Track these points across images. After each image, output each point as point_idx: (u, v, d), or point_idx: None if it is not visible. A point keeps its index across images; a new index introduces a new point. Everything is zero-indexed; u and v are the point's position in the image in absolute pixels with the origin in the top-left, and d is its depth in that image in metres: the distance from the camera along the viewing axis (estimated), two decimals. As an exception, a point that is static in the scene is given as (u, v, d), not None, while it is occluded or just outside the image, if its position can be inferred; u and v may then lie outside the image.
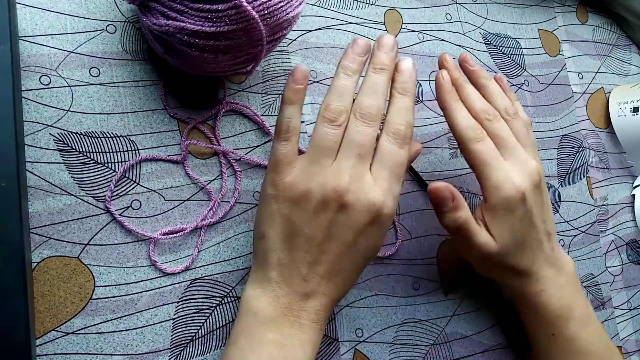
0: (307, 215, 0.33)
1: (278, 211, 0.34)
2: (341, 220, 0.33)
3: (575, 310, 0.41)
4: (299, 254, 0.33)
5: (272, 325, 0.33)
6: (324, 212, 0.33)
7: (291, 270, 0.33)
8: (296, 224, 0.33)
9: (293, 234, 0.33)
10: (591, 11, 0.63)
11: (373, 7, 0.49)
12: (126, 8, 0.38)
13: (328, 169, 0.33)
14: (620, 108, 0.58)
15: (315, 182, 0.33)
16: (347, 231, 0.33)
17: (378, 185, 0.33)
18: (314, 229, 0.33)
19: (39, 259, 0.33)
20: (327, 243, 0.33)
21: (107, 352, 0.34)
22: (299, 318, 0.33)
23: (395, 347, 0.43)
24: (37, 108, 0.35)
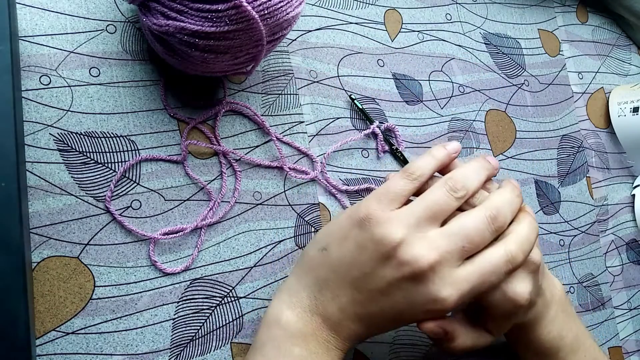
0: (379, 260, 0.32)
1: (355, 237, 0.33)
2: (404, 286, 0.32)
3: (565, 338, 0.39)
4: (349, 286, 0.32)
5: (300, 340, 0.32)
6: (394, 268, 0.31)
7: (334, 296, 0.33)
8: (363, 261, 0.32)
9: (355, 265, 0.32)
10: (591, 11, 0.63)
11: (373, 7, 0.49)
12: (126, 8, 0.38)
13: (425, 235, 0.32)
14: (620, 108, 0.58)
15: (406, 237, 0.31)
16: (402, 299, 0.32)
17: (459, 285, 0.31)
18: (377, 275, 0.32)
19: (39, 259, 0.33)
20: (379, 295, 0.32)
21: (107, 352, 0.34)
22: (328, 342, 0.33)
23: (395, 347, 0.43)
24: (37, 108, 0.35)
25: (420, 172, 0.34)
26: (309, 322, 0.33)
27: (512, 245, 0.33)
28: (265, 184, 0.41)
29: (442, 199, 0.33)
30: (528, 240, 0.33)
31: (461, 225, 0.32)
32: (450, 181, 0.33)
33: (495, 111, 0.53)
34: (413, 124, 0.48)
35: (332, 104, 0.45)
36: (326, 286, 0.33)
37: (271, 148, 0.42)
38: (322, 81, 0.45)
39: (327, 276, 0.33)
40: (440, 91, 0.50)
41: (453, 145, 0.36)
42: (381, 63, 0.48)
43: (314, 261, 0.34)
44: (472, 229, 0.32)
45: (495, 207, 0.33)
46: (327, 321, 0.33)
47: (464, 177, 0.34)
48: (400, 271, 0.31)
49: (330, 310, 0.33)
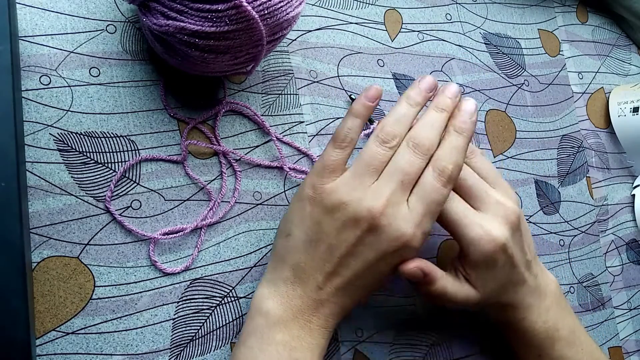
0: (336, 225, 0.33)
1: (310, 214, 0.34)
2: (367, 240, 0.33)
3: (560, 330, 0.40)
4: (319, 261, 0.33)
5: (282, 326, 0.33)
6: (353, 228, 0.33)
7: (308, 275, 0.34)
8: (324, 231, 0.33)
9: (318, 240, 0.33)
10: (591, 11, 0.63)
11: (373, 7, 0.49)
12: (126, 8, 0.38)
13: (368, 188, 0.33)
14: (620, 108, 0.58)
15: (352, 197, 0.33)
16: (370, 252, 0.33)
17: (412, 217, 0.33)
18: (340, 241, 0.33)
19: (39, 259, 0.33)
20: (348, 258, 0.33)
21: (107, 352, 0.34)
22: (310, 322, 0.33)
23: (395, 347, 0.43)
24: (37, 108, 0.35)
25: (350, 137, 0.35)
26: (288, 308, 0.33)
27: (437, 161, 0.34)
28: (265, 184, 0.41)
29: (377, 152, 0.34)
30: (452, 147, 0.35)
31: (392, 164, 0.34)
32: (381, 133, 0.35)
33: (495, 111, 0.53)
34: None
35: (332, 104, 0.45)
36: (299, 269, 0.34)
37: (271, 148, 0.42)
38: (322, 81, 0.45)
39: (298, 259, 0.34)
40: (440, 91, 0.50)
41: (371, 91, 0.36)
42: (381, 63, 0.48)
43: (282, 249, 0.35)
44: (402, 162, 0.34)
45: (415, 135, 0.34)
46: (307, 302, 0.33)
47: (393, 124, 0.35)
48: (359, 228, 0.33)
49: (309, 291, 0.34)
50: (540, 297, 0.40)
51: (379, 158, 0.34)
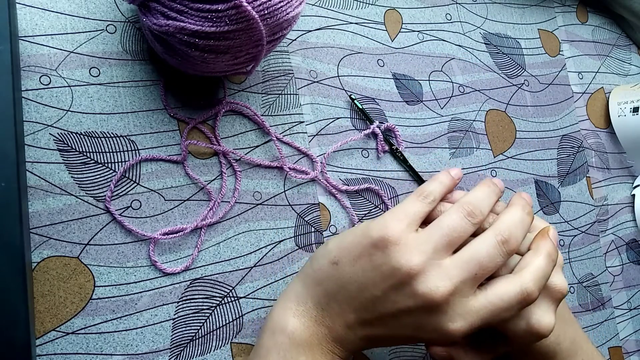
0: (392, 285, 0.31)
1: (370, 257, 0.32)
2: (416, 315, 0.31)
3: (562, 343, 0.39)
4: (358, 305, 0.32)
5: (306, 349, 0.32)
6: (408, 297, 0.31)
7: (342, 311, 0.33)
8: (376, 284, 0.31)
9: (366, 288, 0.32)
10: (591, 11, 0.63)
11: (373, 7, 0.49)
12: (126, 8, 0.38)
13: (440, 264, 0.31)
14: (620, 108, 0.58)
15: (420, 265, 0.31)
16: (412, 325, 0.32)
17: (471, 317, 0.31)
18: (387, 300, 0.31)
19: (39, 259, 0.33)
20: (388, 320, 0.32)
21: (107, 352, 0.34)
22: (333, 352, 0.33)
23: (395, 347, 0.43)
24: (37, 108, 0.35)
25: (434, 196, 0.34)
26: (315, 333, 0.33)
27: (528, 282, 0.32)
28: (265, 184, 0.41)
29: (459, 225, 0.32)
30: (544, 275, 0.33)
31: (473, 251, 0.31)
32: (467, 205, 0.33)
33: (495, 111, 0.53)
34: (413, 124, 0.48)
35: (332, 104, 0.45)
36: (334, 300, 0.33)
37: (271, 148, 0.42)
38: (322, 81, 0.45)
39: (336, 291, 0.33)
40: (440, 91, 0.50)
41: (456, 171, 0.37)
42: (381, 63, 0.48)
43: (324, 273, 0.33)
44: (484, 255, 0.31)
45: (506, 229, 0.32)
46: (333, 333, 0.33)
47: (478, 201, 0.33)
48: (414, 301, 0.31)
49: (337, 324, 0.33)
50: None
51: (459, 231, 0.32)
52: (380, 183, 0.45)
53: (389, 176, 0.46)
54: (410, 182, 0.47)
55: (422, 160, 0.48)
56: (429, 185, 0.36)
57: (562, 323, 0.40)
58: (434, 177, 0.37)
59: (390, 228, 0.32)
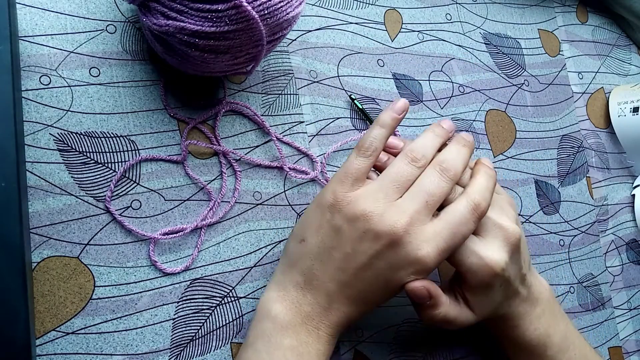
0: (355, 235, 0.33)
1: (329, 221, 0.34)
2: (385, 255, 0.33)
3: (552, 336, 0.39)
4: (333, 270, 0.33)
5: (290, 331, 0.33)
6: (372, 240, 0.33)
7: (320, 282, 0.33)
8: (341, 240, 0.33)
9: (334, 248, 0.33)
10: (591, 11, 0.63)
11: (373, 7, 0.49)
12: (126, 8, 0.38)
13: (392, 203, 0.33)
14: (620, 108, 0.58)
15: (376, 209, 0.33)
16: (385, 267, 0.33)
17: (434, 239, 0.33)
18: (356, 252, 0.33)
19: (39, 259, 0.33)
20: (364, 271, 0.33)
21: (107, 352, 0.34)
22: (318, 329, 0.33)
23: (395, 347, 0.43)
24: (37, 108, 0.35)
25: (374, 147, 0.35)
26: (297, 313, 0.33)
27: (473, 194, 0.35)
28: (265, 184, 0.41)
29: (405, 170, 0.34)
30: (486, 187, 0.36)
31: (419, 184, 0.34)
32: (411, 152, 0.35)
33: (495, 111, 0.53)
34: (413, 124, 0.48)
35: (332, 104, 0.45)
36: (311, 275, 0.34)
37: (271, 148, 0.42)
38: (322, 81, 0.45)
39: (311, 265, 0.34)
40: (440, 91, 0.50)
41: (399, 104, 0.36)
42: (381, 63, 0.48)
43: (296, 253, 0.35)
44: (429, 183, 0.34)
45: (443, 160, 0.35)
46: (316, 309, 0.33)
47: (422, 147, 0.36)
48: (379, 242, 0.32)
49: (319, 298, 0.33)
50: (532, 305, 0.39)
51: (406, 176, 0.34)
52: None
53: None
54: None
55: (422, 160, 0.48)
56: (369, 134, 0.35)
57: (552, 317, 0.40)
58: (375, 120, 0.36)
59: (337, 190, 0.34)
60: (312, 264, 0.34)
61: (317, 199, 0.36)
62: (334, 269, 0.33)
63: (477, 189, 0.35)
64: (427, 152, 0.36)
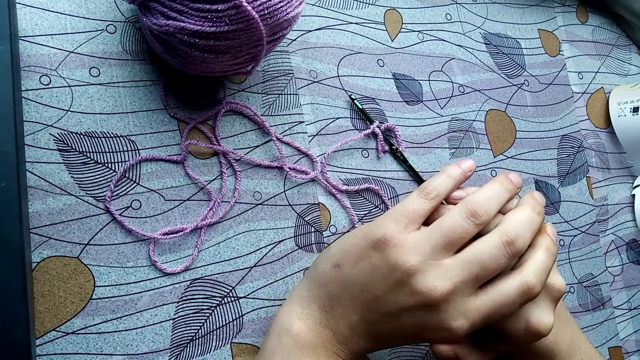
0: (392, 285, 0.31)
1: (370, 258, 0.32)
2: (417, 315, 0.31)
3: (560, 344, 0.39)
4: (360, 306, 0.32)
5: (311, 352, 0.32)
6: (408, 295, 0.31)
7: (345, 312, 0.33)
8: (376, 284, 0.32)
9: (367, 289, 0.32)
10: (591, 11, 0.63)
11: (373, 7, 0.49)
12: (126, 8, 0.38)
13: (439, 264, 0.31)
14: (620, 108, 0.58)
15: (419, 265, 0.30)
16: (415, 325, 0.31)
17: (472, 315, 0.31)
18: (389, 301, 0.31)
19: (39, 259, 0.33)
20: (390, 319, 0.32)
21: (107, 352, 0.34)
22: (338, 355, 0.33)
23: (395, 347, 0.43)
24: (37, 108, 0.35)
25: (437, 192, 0.33)
26: (319, 335, 0.33)
27: (529, 276, 0.31)
28: (265, 184, 0.41)
29: (460, 226, 0.31)
30: (545, 269, 0.32)
31: (475, 252, 0.31)
32: (471, 205, 0.32)
33: (495, 111, 0.53)
34: (413, 124, 0.48)
35: (332, 104, 0.45)
36: (338, 302, 0.33)
37: (271, 148, 0.42)
38: (322, 81, 0.45)
39: (339, 293, 0.33)
40: (440, 91, 0.50)
41: (468, 163, 0.35)
42: (381, 63, 0.48)
43: (327, 276, 0.34)
44: (487, 256, 0.30)
45: (513, 230, 0.31)
46: (337, 335, 0.33)
47: (485, 201, 0.32)
48: (413, 299, 0.31)
49: (341, 326, 0.33)
50: None
51: (461, 232, 0.31)
52: (380, 183, 0.45)
53: (389, 176, 0.46)
54: (410, 182, 0.47)
55: (422, 160, 0.48)
56: (434, 180, 0.34)
57: (560, 323, 0.40)
58: (442, 169, 0.35)
59: (389, 228, 0.32)
60: (341, 292, 0.33)
61: (365, 227, 0.33)
62: (361, 305, 0.32)
63: (535, 269, 0.31)
64: (490, 209, 0.32)
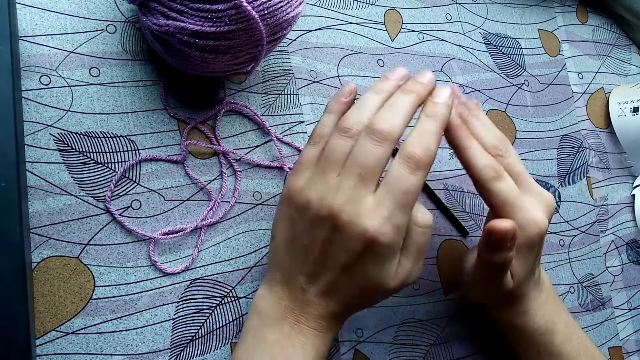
0: (305, 224, 0.32)
1: (285, 214, 0.34)
2: (335, 240, 0.31)
3: (557, 324, 0.40)
4: (299, 262, 0.33)
5: (275, 325, 0.33)
6: (319, 227, 0.32)
7: (292, 276, 0.33)
8: (296, 231, 0.33)
9: (294, 240, 0.33)
10: (591, 11, 0.63)
11: (373, 7, 0.49)
12: (126, 8, 0.38)
13: (330, 184, 0.31)
14: (620, 108, 0.58)
15: (316, 194, 0.32)
16: (341, 253, 0.31)
17: (377, 212, 0.30)
18: (312, 241, 0.32)
19: (39, 259, 0.33)
20: (324, 259, 0.32)
21: (107, 352, 0.34)
22: (299, 322, 0.33)
23: (395, 347, 0.43)
24: (37, 108, 0.35)
25: (324, 133, 0.34)
26: (279, 308, 0.33)
27: (405, 148, 0.31)
28: (265, 184, 0.41)
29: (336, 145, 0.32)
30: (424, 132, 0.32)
31: (351, 156, 0.31)
32: (341, 123, 0.32)
33: (495, 111, 0.53)
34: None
35: (332, 104, 0.45)
36: (285, 270, 0.34)
37: (271, 148, 0.42)
38: (322, 81, 0.45)
39: (282, 260, 0.34)
40: (440, 91, 0.50)
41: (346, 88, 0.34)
42: (381, 63, 0.48)
43: (271, 250, 0.35)
44: (360, 154, 0.31)
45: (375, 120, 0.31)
46: (294, 302, 0.33)
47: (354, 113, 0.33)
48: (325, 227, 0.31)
49: (295, 292, 0.33)
50: (539, 290, 0.40)
51: (340, 150, 0.32)
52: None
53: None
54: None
55: (422, 160, 0.48)
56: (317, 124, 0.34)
57: (555, 304, 0.41)
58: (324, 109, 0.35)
59: (290, 182, 0.34)
60: (282, 258, 0.34)
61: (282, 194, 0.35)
62: (299, 262, 0.33)
63: (410, 139, 0.31)
64: (357, 118, 0.32)
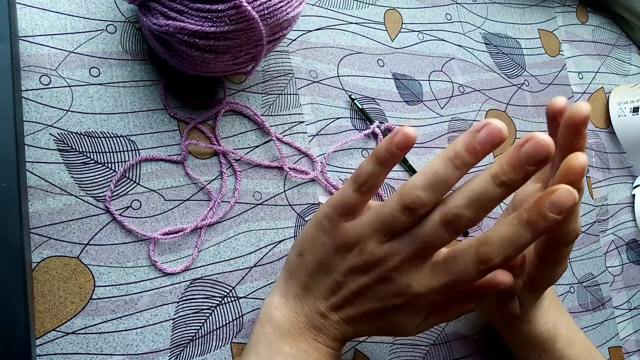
0: (346, 265, 0.32)
1: (323, 244, 0.33)
2: (375, 288, 0.31)
3: (560, 328, 0.40)
4: (326, 291, 0.33)
5: (290, 339, 0.33)
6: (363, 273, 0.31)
7: (315, 298, 0.33)
8: (334, 266, 0.32)
9: (327, 271, 0.33)
10: (591, 11, 0.63)
11: (373, 7, 0.49)
12: (126, 8, 0.38)
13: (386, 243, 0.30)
14: (620, 108, 0.58)
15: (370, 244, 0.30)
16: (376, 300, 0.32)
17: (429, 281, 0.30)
18: (348, 281, 0.32)
19: (39, 259, 0.33)
20: (355, 299, 0.32)
21: (107, 352, 0.34)
22: (316, 341, 0.33)
23: (395, 347, 0.43)
24: (37, 108, 0.35)
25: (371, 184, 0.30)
26: (296, 323, 0.33)
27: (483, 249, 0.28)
28: (265, 184, 0.41)
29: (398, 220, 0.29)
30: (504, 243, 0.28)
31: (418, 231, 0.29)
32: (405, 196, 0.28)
33: (495, 111, 0.53)
34: (413, 124, 0.48)
35: (332, 104, 0.45)
36: (308, 290, 0.34)
37: (271, 148, 0.42)
38: (322, 81, 0.45)
39: (307, 280, 0.34)
40: (440, 91, 0.50)
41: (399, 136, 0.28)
42: (381, 63, 0.48)
43: (294, 265, 0.35)
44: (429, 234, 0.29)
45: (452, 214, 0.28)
46: (312, 322, 0.33)
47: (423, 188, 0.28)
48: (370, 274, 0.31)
49: (314, 313, 0.33)
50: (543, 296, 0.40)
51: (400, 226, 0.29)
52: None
53: (388, 176, 0.46)
54: (410, 182, 0.47)
55: (422, 160, 0.48)
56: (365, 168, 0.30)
57: (557, 309, 0.41)
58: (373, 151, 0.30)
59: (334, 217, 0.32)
60: (307, 279, 0.33)
61: (314, 216, 0.34)
62: (327, 290, 0.33)
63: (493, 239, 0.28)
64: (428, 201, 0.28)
